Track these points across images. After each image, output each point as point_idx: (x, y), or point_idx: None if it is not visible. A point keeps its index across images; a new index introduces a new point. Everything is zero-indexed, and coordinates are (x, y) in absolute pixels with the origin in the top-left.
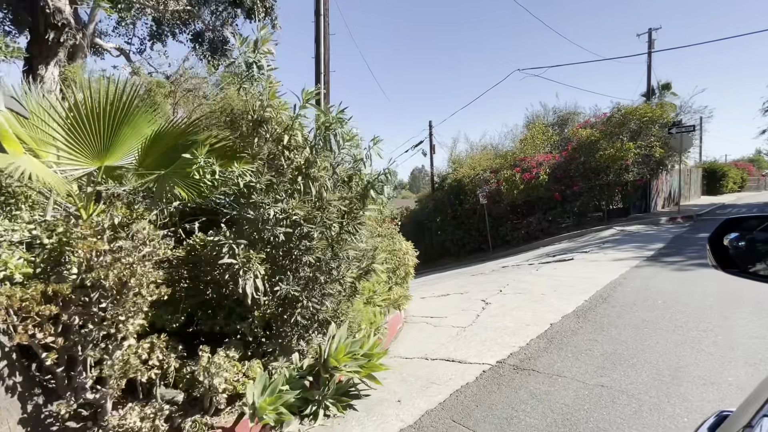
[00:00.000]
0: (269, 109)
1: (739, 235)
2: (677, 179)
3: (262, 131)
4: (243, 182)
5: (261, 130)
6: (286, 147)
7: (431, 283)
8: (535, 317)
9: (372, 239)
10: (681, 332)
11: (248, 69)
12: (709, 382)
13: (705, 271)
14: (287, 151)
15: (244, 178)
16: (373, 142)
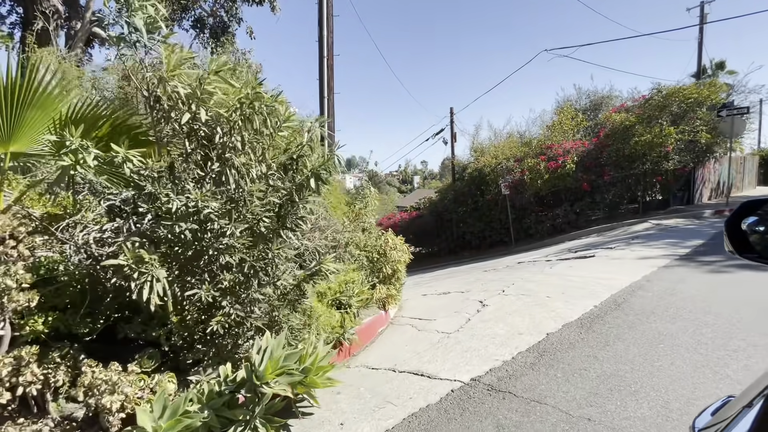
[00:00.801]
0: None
1: (759, 219)
2: (728, 168)
3: (158, 108)
4: (129, 169)
5: (158, 106)
6: (192, 128)
7: (442, 278)
8: (531, 324)
9: (341, 234)
10: (704, 351)
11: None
12: None
13: (745, 274)
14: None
15: (130, 163)
16: (317, 123)
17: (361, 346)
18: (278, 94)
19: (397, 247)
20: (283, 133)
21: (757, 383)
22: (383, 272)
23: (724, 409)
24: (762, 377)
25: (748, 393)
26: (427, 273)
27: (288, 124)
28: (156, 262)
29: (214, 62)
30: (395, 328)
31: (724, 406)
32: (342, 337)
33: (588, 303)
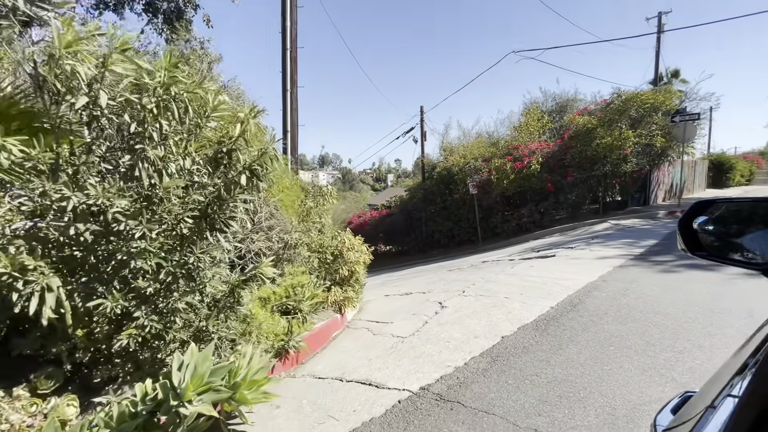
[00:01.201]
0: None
1: (708, 218)
2: (681, 171)
3: (49, 91)
4: (8, 160)
5: (49, 89)
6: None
7: (409, 278)
8: (488, 327)
9: (290, 234)
10: (652, 353)
11: None
12: None
13: (694, 274)
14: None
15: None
16: (252, 113)
17: (312, 352)
18: (202, 81)
19: (354, 248)
20: (212, 124)
21: (714, 380)
22: (339, 274)
23: (685, 408)
24: (718, 375)
25: (708, 392)
26: (396, 272)
27: (217, 114)
28: (46, 269)
29: (119, 39)
30: (351, 333)
31: (684, 404)
32: (287, 345)
33: (545, 304)
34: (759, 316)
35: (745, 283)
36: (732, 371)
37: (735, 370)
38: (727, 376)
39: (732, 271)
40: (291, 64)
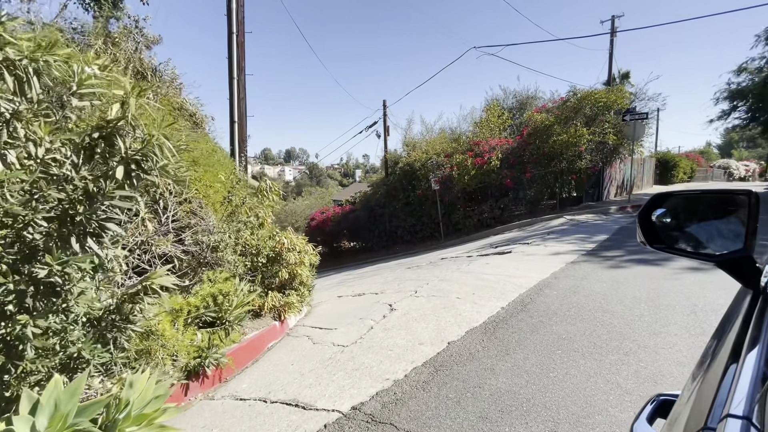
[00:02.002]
0: None
1: (666, 211)
2: (630, 168)
3: None
4: None
5: None
6: None
7: (367, 276)
8: (435, 332)
9: (209, 236)
10: (598, 356)
11: None
12: None
13: (641, 269)
14: None
15: None
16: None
17: (240, 367)
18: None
19: (296, 248)
20: (82, 103)
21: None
22: (279, 278)
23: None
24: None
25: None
26: (358, 269)
27: (86, 91)
28: None
29: None
30: (289, 342)
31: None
32: (204, 362)
33: (496, 304)
34: (702, 312)
35: (689, 278)
36: (717, 379)
37: (719, 377)
38: (713, 385)
39: (676, 265)
40: (238, 50)
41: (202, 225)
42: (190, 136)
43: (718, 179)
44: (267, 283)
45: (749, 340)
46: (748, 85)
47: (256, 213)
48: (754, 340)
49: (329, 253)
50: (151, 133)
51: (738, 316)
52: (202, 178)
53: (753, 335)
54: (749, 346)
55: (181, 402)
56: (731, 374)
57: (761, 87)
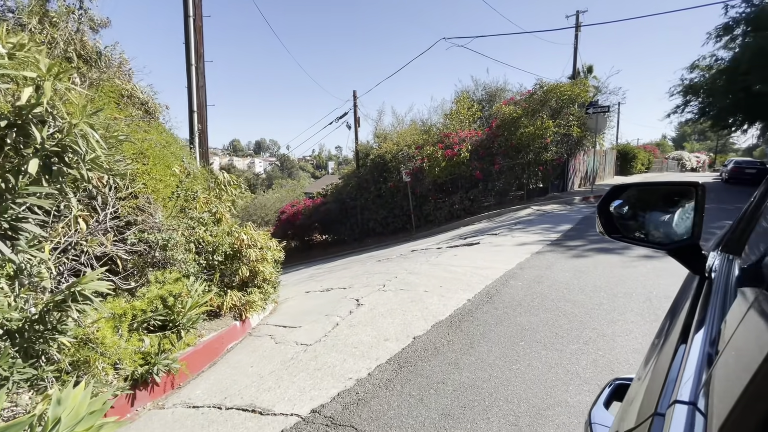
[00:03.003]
0: None
1: (622, 201)
2: (593, 159)
3: None
4: None
5: None
6: None
7: (337, 270)
8: (401, 327)
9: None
10: (559, 346)
11: None
12: None
13: (602, 258)
14: None
15: None
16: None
17: (196, 371)
18: None
19: (257, 245)
20: None
21: (649, 375)
22: (239, 275)
23: (622, 410)
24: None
25: (645, 390)
26: (329, 262)
27: None
28: None
29: None
30: (251, 342)
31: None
32: (152, 369)
33: (462, 297)
34: (656, 299)
35: (644, 266)
36: (668, 360)
37: (669, 358)
38: (664, 367)
39: (634, 254)
40: (195, 35)
41: (150, 222)
42: (140, 126)
43: (672, 170)
44: (227, 282)
45: (696, 322)
46: (700, 81)
47: (210, 208)
48: (700, 322)
49: (300, 247)
50: (72, 122)
51: (686, 300)
52: (152, 171)
53: (700, 317)
54: (696, 327)
55: (125, 414)
56: (680, 355)
57: (711, 83)
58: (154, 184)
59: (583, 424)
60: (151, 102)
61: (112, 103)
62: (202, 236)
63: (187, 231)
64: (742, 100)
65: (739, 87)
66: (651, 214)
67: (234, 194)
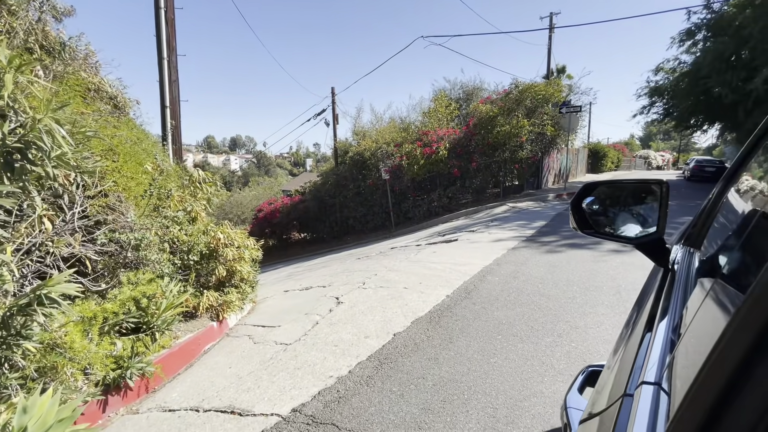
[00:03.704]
0: None
1: (594, 198)
2: (566, 158)
3: None
4: None
5: None
6: None
7: (317, 268)
8: (381, 324)
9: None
10: (535, 339)
11: None
12: (550, 425)
13: (574, 253)
14: None
15: None
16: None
17: (172, 374)
18: None
19: (234, 244)
20: None
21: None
22: (216, 275)
23: (595, 394)
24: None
25: (616, 374)
26: (308, 261)
27: None
28: None
29: None
30: (229, 342)
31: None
32: (125, 373)
33: (441, 293)
34: (625, 292)
35: (613, 260)
36: (635, 346)
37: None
38: (632, 353)
39: (604, 248)
40: (167, 28)
41: (122, 221)
42: (109, 122)
43: (639, 168)
44: (203, 282)
45: (660, 311)
46: (664, 83)
47: (185, 207)
48: (664, 311)
49: (278, 246)
50: (36, 116)
51: (652, 291)
52: (122, 168)
53: (664, 307)
54: (660, 316)
55: (97, 421)
56: (647, 342)
57: (675, 86)
58: (126, 181)
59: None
60: (120, 96)
61: (78, 98)
62: (177, 235)
63: (160, 230)
64: (702, 102)
65: (701, 90)
66: (620, 210)
67: (209, 192)
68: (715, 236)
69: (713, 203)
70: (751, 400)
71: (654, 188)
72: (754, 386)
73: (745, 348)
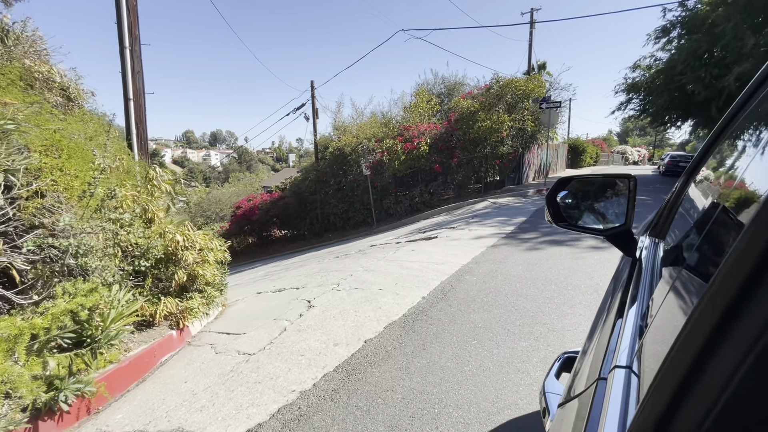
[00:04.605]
0: None
1: (567, 192)
2: (546, 153)
3: None
4: None
5: None
6: None
7: (294, 267)
8: (353, 329)
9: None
10: (511, 343)
11: None
12: None
13: (553, 250)
14: None
15: None
16: None
17: (119, 392)
18: None
19: (195, 246)
20: None
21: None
22: (175, 280)
23: (572, 379)
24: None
25: (591, 360)
26: (286, 259)
27: None
28: None
29: None
30: (189, 352)
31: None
32: (57, 396)
33: (418, 294)
34: (603, 290)
35: (592, 258)
36: (608, 333)
37: (609, 332)
38: (605, 339)
39: (583, 245)
40: (129, 15)
41: (61, 225)
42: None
43: (617, 163)
44: (162, 288)
45: (630, 299)
46: (641, 80)
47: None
48: (633, 298)
49: (258, 243)
50: None
51: (622, 280)
52: (65, 165)
53: (633, 294)
54: (630, 304)
55: None
56: (618, 328)
57: (651, 82)
58: (69, 180)
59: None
60: (73, 87)
61: (14, 87)
62: (125, 239)
63: (106, 234)
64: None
65: (675, 86)
66: (592, 203)
67: (170, 190)
68: (678, 228)
69: (676, 196)
70: (713, 381)
71: (622, 183)
72: (716, 369)
73: (708, 333)
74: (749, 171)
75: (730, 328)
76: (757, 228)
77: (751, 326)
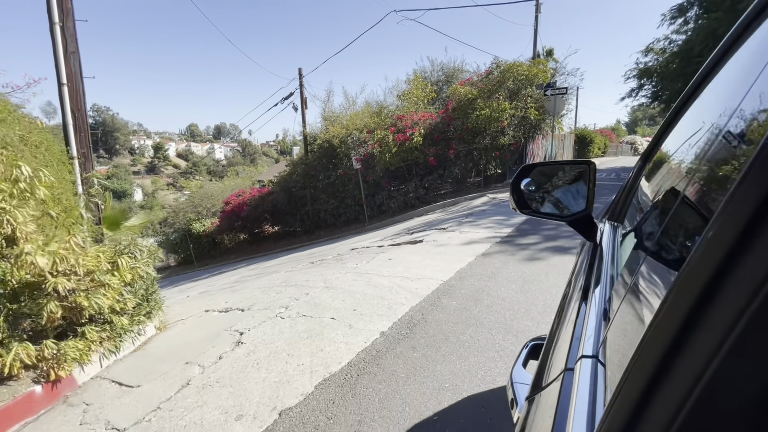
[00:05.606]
0: None
1: (530, 180)
2: (552, 143)
3: None
4: None
5: None
6: None
7: (267, 273)
8: (272, 389)
9: None
10: (488, 425)
11: None
12: None
13: (555, 260)
14: None
15: None
16: None
17: None
18: None
19: (78, 271)
20: None
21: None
22: (46, 314)
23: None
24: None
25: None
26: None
27: None
28: None
29: None
30: (51, 419)
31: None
32: None
33: (377, 327)
34: None
35: None
36: (573, 319)
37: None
38: (570, 326)
39: None
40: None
41: None
42: None
43: (626, 154)
44: (30, 327)
45: (593, 282)
46: (654, 64)
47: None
48: (596, 282)
49: (250, 240)
50: None
51: (584, 264)
52: None
53: (595, 278)
54: (593, 286)
55: None
56: (582, 314)
57: (665, 67)
58: None
59: None
60: None
61: None
62: None
63: None
64: None
65: (692, 70)
66: (554, 190)
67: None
68: (634, 212)
69: (632, 181)
70: (686, 371)
71: (583, 168)
72: (688, 358)
73: (679, 322)
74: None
75: (703, 315)
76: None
77: (726, 311)
